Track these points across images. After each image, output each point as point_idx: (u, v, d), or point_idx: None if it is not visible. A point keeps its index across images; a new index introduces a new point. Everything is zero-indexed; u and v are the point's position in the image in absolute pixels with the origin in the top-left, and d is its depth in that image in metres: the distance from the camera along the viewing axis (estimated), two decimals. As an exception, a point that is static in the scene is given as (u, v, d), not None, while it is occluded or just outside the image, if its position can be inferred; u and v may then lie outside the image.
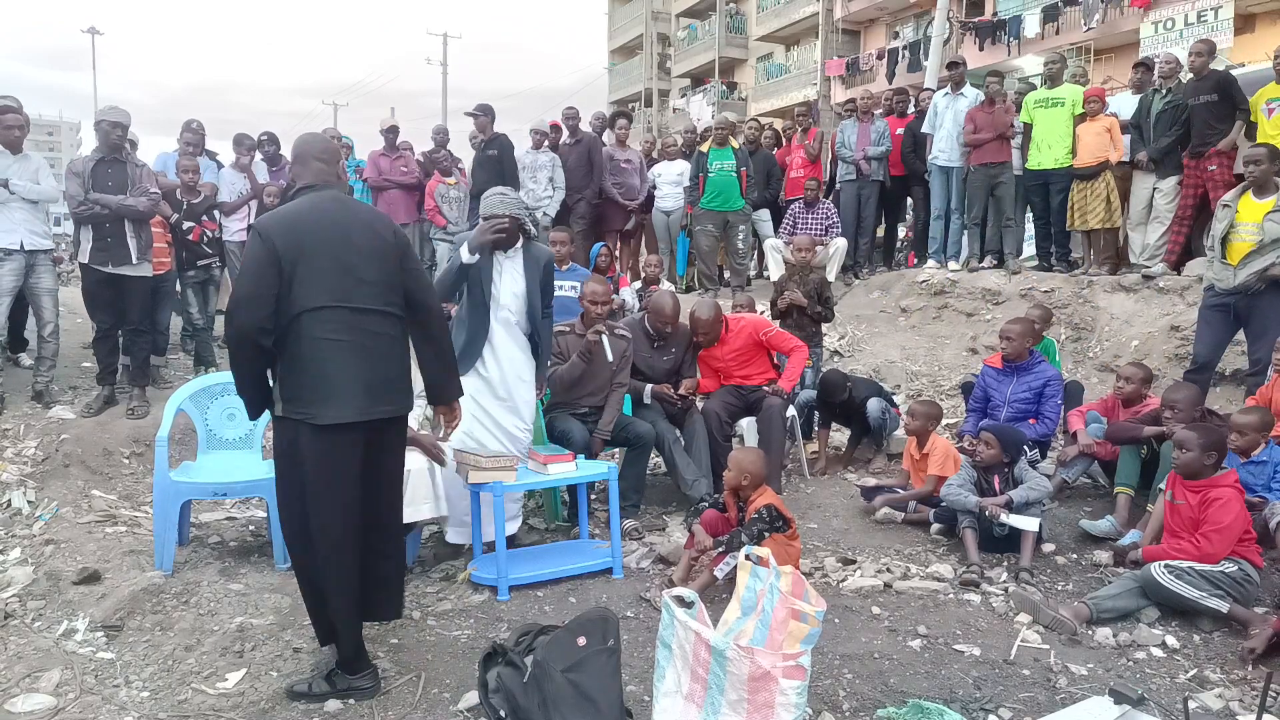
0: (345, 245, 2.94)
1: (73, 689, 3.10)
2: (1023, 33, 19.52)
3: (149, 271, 5.98)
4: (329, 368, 2.88)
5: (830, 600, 3.59)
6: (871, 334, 8.43)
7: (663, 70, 34.74)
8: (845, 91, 20.27)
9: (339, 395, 2.88)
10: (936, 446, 4.92)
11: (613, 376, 4.94)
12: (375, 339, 2.96)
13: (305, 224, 2.94)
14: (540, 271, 4.34)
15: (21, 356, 6.59)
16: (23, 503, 4.78)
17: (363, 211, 3.17)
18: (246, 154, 8.36)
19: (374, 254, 2.99)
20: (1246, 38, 16.16)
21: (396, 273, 3.03)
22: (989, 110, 8.05)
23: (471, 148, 8.86)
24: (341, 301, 2.90)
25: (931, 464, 4.85)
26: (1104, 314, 7.44)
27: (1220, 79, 6.86)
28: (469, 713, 2.91)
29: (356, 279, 2.93)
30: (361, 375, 2.92)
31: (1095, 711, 2.70)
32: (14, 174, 5.60)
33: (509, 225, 4.15)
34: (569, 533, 4.74)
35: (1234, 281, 5.11)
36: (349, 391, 2.89)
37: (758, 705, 2.44)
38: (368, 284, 2.95)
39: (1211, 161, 6.78)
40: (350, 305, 2.91)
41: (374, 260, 2.98)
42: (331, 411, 2.87)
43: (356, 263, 2.94)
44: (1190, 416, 4.35)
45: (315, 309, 2.87)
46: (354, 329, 2.91)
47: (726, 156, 8.68)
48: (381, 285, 2.98)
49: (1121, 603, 3.59)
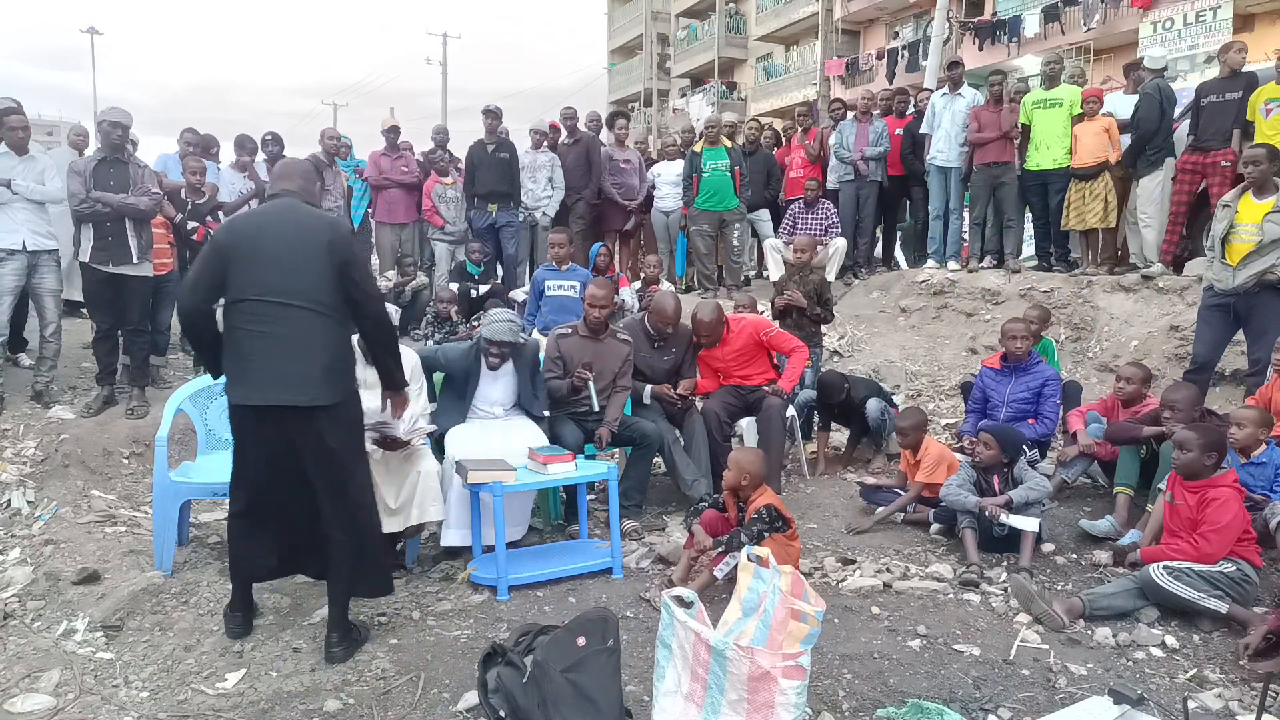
0: (276, 245, 3.22)
1: (72, 689, 3.10)
2: (1022, 33, 19.53)
3: (150, 271, 5.98)
4: (242, 353, 3.22)
5: (830, 600, 3.60)
6: (871, 334, 8.43)
7: (662, 70, 34.74)
8: (845, 92, 20.29)
9: (246, 379, 3.22)
10: (929, 452, 4.90)
11: (615, 379, 4.95)
12: (291, 331, 3.18)
13: (248, 224, 3.37)
14: (530, 367, 4.71)
15: (21, 356, 6.59)
16: (22, 503, 4.78)
17: (306, 217, 3.36)
18: (247, 154, 8.38)
19: (303, 254, 3.22)
20: (1246, 37, 16.12)
21: (328, 273, 3.22)
22: (994, 110, 8.05)
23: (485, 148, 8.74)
24: (261, 295, 3.18)
25: (921, 471, 4.84)
26: (1103, 314, 7.45)
27: (1250, 80, 6.85)
28: (469, 713, 2.92)
29: (280, 276, 3.19)
30: (269, 364, 3.18)
31: (1095, 711, 2.70)
32: (19, 175, 5.61)
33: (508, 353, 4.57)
34: (565, 532, 4.74)
35: (1233, 282, 5.12)
36: (255, 377, 3.20)
37: (758, 705, 2.45)
38: (291, 281, 3.19)
39: (1226, 156, 6.76)
40: (267, 299, 3.17)
41: (301, 260, 3.22)
42: (239, 392, 3.24)
43: (283, 261, 3.20)
44: (1190, 416, 4.35)
45: (239, 300, 3.21)
46: (268, 321, 3.18)
47: (720, 156, 8.66)
48: (309, 283, 3.20)
49: (1119, 602, 3.60)
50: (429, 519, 4.06)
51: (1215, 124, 6.83)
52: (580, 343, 4.96)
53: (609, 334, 5.02)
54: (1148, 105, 7.23)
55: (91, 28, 39.79)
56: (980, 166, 8.14)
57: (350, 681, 3.15)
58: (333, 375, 3.26)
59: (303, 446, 3.23)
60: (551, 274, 6.92)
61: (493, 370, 4.61)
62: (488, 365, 4.60)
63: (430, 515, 4.04)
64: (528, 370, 4.70)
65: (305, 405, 3.19)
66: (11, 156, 5.64)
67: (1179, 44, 16.46)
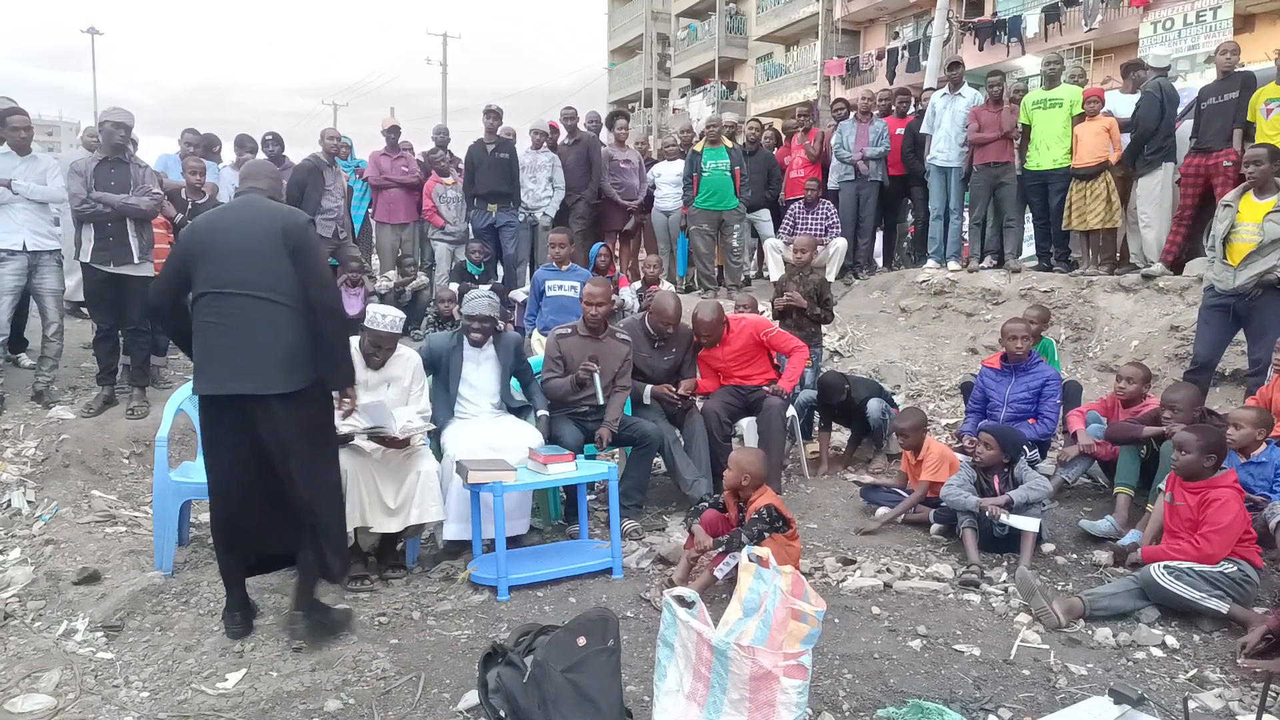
0: (233, 238, 3.32)
1: (73, 689, 3.10)
2: (1023, 33, 19.53)
3: (151, 271, 5.97)
4: (205, 346, 3.33)
5: (830, 600, 3.60)
6: (871, 334, 8.43)
7: (663, 70, 34.73)
8: (846, 92, 20.29)
9: (206, 370, 3.33)
10: (931, 451, 4.90)
11: (615, 379, 4.95)
12: (246, 322, 3.26)
13: (209, 221, 3.46)
14: (513, 358, 4.76)
15: (22, 356, 6.58)
16: (23, 503, 4.78)
17: (262, 209, 3.43)
18: (248, 154, 8.37)
19: (257, 246, 3.30)
20: (1246, 38, 16.14)
21: (285, 263, 3.28)
22: (995, 110, 8.05)
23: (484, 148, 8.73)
24: (219, 288, 3.28)
25: (925, 470, 4.84)
26: (1104, 314, 7.45)
27: (1246, 79, 6.85)
28: (469, 713, 2.92)
29: (235, 268, 3.28)
30: (225, 355, 3.28)
31: (1095, 711, 2.70)
32: (20, 175, 5.62)
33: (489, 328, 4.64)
34: (565, 532, 4.74)
35: (1234, 282, 5.12)
36: (214, 368, 3.31)
37: (759, 704, 2.45)
38: (247, 273, 3.27)
39: (1228, 156, 6.76)
40: (225, 291, 3.27)
41: (256, 251, 3.29)
42: (201, 383, 3.35)
43: (239, 254, 3.29)
44: (1190, 417, 4.35)
45: (201, 294, 3.33)
46: (226, 313, 3.27)
47: (720, 156, 8.66)
48: (264, 274, 3.27)
49: (1119, 602, 3.60)
50: (429, 519, 4.06)
51: (1215, 125, 6.83)
52: (580, 342, 4.96)
53: (608, 333, 5.02)
54: (1148, 104, 7.22)
55: (91, 28, 39.86)
56: (980, 166, 8.14)
57: (350, 681, 3.15)
58: (291, 364, 3.28)
59: (264, 435, 3.28)
60: (552, 274, 6.92)
61: (476, 347, 4.65)
62: (470, 342, 4.65)
63: (430, 515, 4.04)
64: (510, 359, 4.75)
65: (260, 394, 3.24)
66: (13, 157, 5.66)
67: (1179, 44, 16.45)
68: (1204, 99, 6.96)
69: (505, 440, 4.42)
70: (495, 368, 4.72)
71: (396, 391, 4.23)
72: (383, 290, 8.24)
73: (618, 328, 5.21)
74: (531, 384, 4.87)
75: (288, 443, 3.29)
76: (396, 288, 8.38)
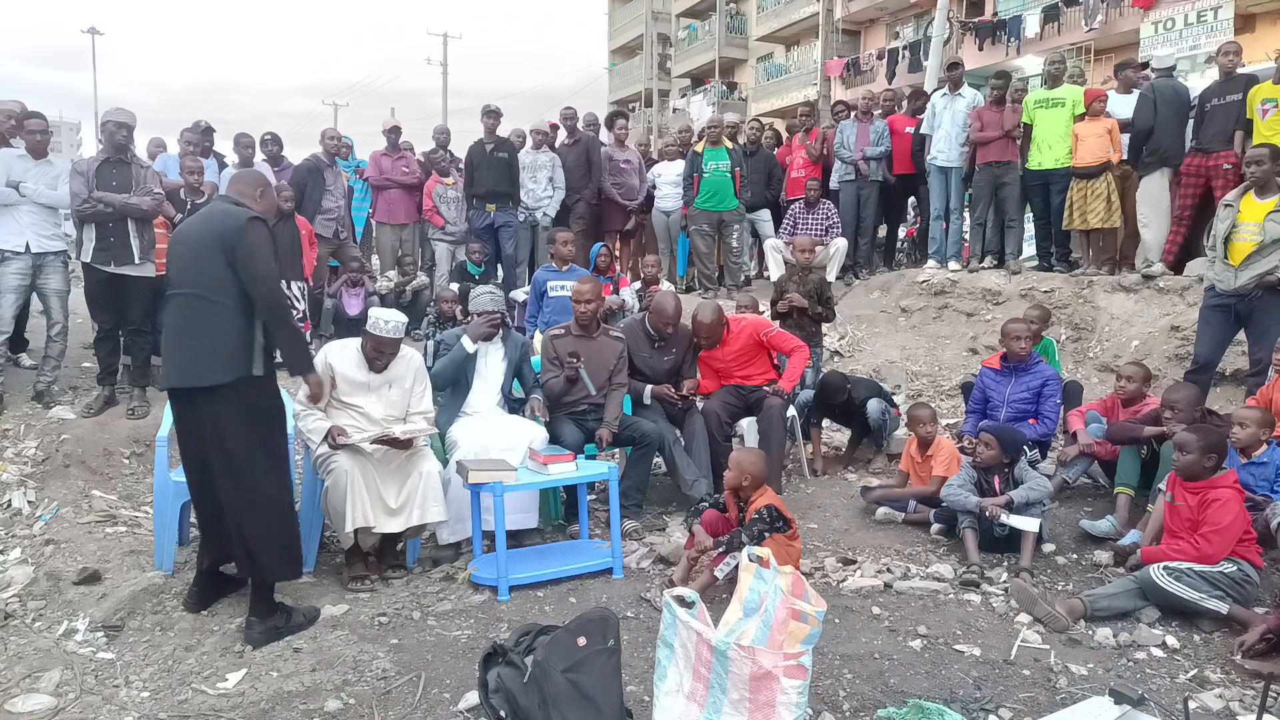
0: (188, 246, 3.50)
1: (73, 689, 3.10)
2: (1023, 33, 19.52)
3: (151, 272, 5.97)
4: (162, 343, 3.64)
5: (830, 600, 3.59)
6: (871, 334, 8.43)
7: (663, 70, 34.73)
8: (846, 92, 20.30)
9: (162, 367, 3.65)
10: (942, 447, 4.90)
11: (611, 376, 4.95)
12: (185, 320, 3.44)
13: (178, 232, 3.72)
14: (519, 356, 4.93)
15: (22, 356, 6.58)
16: (23, 503, 4.79)
17: (213, 213, 3.57)
18: (246, 151, 8.36)
19: (196, 247, 3.46)
20: (1246, 37, 16.14)
21: (220, 265, 3.39)
22: (997, 110, 8.05)
23: (484, 148, 8.72)
24: (172, 289, 3.52)
25: (938, 465, 4.82)
26: (1104, 314, 7.44)
27: (1249, 80, 6.84)
28: (469, 713, 2.92)
29: (178, 269, 3.50)
30: (168, 351, 3.56)
31: (1095, 711, 2.70)
32: (32, 178, 5.65)
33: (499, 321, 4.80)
34: (566, 532, 4.74)
35: (1235, 283, 5.11)
36: (165, 364, 3.62)
37: (759, 705, 2.45)
38: (185, 272, 3.46)
39: (1228, 159, 6.75)
40: (174, 292, 3.50)
41: (194, 252, 3.45)
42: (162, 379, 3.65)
43: (189, 259, 3.47)
44: (1190, 417, 4.34)
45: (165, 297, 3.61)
46: (170, 312, 3.53)
47: (721, 156, 8.65)
48: (198, 272, 3.42)
49: (1119, 602, 3.60)
50: (430, 520, 4.06)
51: (1216, 126, 6.83)
52: (573, 341, 4.97)
53: (601, 331, 5.03)
54: (1141, 106, 7.23)
55: (92, 28, 39.87)
56: (982, 166, 8.13)
57: (350, 681, 3.15)
58: (218, 358, 3.38)
59: (203, 430, 3.43)
60: (552, 275, 6.91)
61: (487, 341, 4.78)
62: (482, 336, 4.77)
63: (431, 516, 4.04)
64: (516, 356, 4.90)
65: (186, 387, 3.43)
66: (28, 159, 5.70)
67: (1180, 44, 16.44)
68: (1206, 100, 6.95)
69: (512, 439, 4.42)
70: (504, 362, 4.84)
71: (398, 392, 4.23)
72: (383, 290, 8.24)
73: (611, 326, 5.22)
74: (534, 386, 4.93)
75: (221, 437, 3.41)
76: (397, 288, 8.38)
